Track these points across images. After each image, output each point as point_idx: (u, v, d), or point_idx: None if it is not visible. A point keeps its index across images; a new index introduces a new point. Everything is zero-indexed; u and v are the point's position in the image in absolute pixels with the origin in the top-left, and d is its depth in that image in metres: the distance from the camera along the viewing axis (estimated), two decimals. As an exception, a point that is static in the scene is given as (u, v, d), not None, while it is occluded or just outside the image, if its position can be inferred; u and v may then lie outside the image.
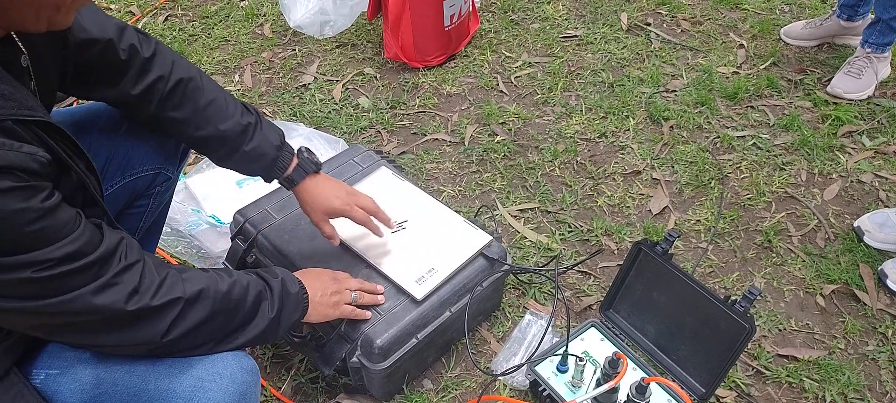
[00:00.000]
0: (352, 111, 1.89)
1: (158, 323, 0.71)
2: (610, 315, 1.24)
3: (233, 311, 0.79)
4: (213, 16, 2.35)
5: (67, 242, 0.60)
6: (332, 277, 1.01)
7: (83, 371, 0.74)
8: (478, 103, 1.91)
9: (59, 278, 0.61)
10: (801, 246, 1.47)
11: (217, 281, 0.78)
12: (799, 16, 2.25)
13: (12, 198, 0.54)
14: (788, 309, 1.34)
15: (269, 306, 0.83)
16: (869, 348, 1.26)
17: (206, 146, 0.97)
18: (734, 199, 1.58)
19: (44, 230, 0.58)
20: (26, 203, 0.56)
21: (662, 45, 2.13)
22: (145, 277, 0.70)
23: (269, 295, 0.84)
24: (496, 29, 2.23)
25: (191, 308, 0.73)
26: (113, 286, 0.66)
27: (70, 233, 0.61)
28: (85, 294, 0.63)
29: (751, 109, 1.86)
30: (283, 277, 0.89)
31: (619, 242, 1.48)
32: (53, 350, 0.75)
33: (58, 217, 0.60)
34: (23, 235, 0.56)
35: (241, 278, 0.82)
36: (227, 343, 0.78)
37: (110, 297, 0.66)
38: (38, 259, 0.58)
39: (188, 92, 0.93)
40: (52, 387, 0.73)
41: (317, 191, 1.04)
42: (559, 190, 1.62)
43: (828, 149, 1.71)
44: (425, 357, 1.18)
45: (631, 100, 1.89)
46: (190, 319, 0.73)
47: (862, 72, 1.85)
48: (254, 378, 0.79)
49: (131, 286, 0.67)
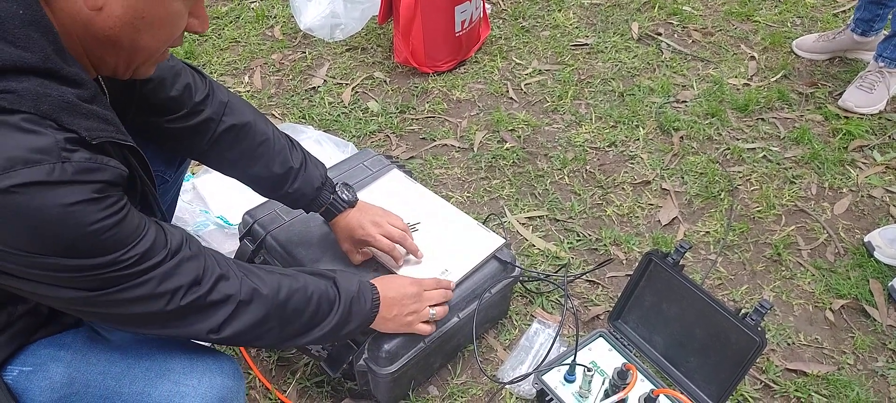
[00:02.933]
0: (361, 115, 1.90)
1: (210, 318, 0.74)
2: (618, 325, 1.23)
3: (290, 318, 0.81)
4: (223, 16, 2.36)
5: (140, 240, 0.66)
6: (416, 294, 1.01)
7: (55, 369, 0.75)
8: (487, 109, 1.91)
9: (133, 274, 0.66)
10: (810, 259, 1.46)
11: (280, 287, 0.80)
12: (811, 29, 2.25)
13: (94, 208, 0.61)
14: (797, 323, 1.33)
15: (333, 315, 0.86)
16: (878, 364, 1.25)
17: (253, 183, 1.04)
18: (744, 212, 1.57)
19: (120, 232, 0.64)
20: (105, 212, 0.62)
21: (673, 55, 2.13)
22: (207, 270, 0.73)
23: (337, 305, 0.87)
24: (507, 35, 2.24)
25: (245, 309, 0.76)
26: (175, 276, 0.70)
27: (142, 233, 0.67)
28: (152, 280, 0.68)
29: (761, 122, 1.85)
30: (360, 290, 0.91)
31: (628, 252, 1.47)
32: (31, 348, 0.76)
33: (130, 221, 0.66)
34: (102, 240, 0.62)
35: (310, 285, 0.84)
36: (281, 345, 0.82)
37: (174, 283, 0.69)
38: (117, 259, 0.64)
39: (239, 135, 0.98)
40: (22, 384, 0.74)
41: (345, 223, 1.09)
42: (568, 198, 1.61)
43: (838, 163, 1.70)
44: (432, 363, 1.18)
45: (641, 110, 1.89)
46: (242, 320, 0.76)
47: (874, 87, 1.84)
48: (236, 382, 0.80)
49: (193, 276, 0.71)
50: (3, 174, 0.55)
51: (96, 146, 0.62)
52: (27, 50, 0.57)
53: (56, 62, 0.60)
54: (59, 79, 0.60)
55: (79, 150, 0.60)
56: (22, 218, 0.57)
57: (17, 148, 0.56)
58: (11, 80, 0.57)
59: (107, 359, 0.77)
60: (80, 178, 0.59)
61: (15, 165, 0.56)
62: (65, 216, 0.59)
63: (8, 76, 0.57)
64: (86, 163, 0.60)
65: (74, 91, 0.61)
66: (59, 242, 0.60)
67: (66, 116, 0.60)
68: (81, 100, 0.62)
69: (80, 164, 0.59)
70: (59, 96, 0.59)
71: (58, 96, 0.59)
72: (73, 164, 0.59)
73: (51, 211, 0.58)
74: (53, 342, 0.77)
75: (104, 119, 0.65)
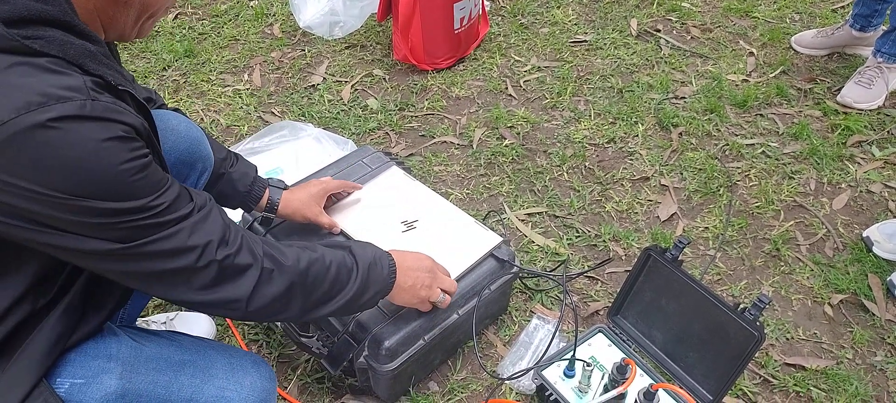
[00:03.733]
0: (360, 112, 1.90)
1: (239, 285, 0.74)
2: (618, 320, 1.23)
3: (312, 287, 0.82)
4: (223, 15, 2.36)
5: (166, 190, 0.68)
6: (430, 270, 1.02)
7: (108, 381, 0.75)
8: (486, 106, 1.91)
9: (164, 223, 0.67)
10: (809, 255, 1.46)
11: (299, 257, 0.81)
12: (809, 25, 2.25)
13: (124, 147, 0.62)
14: (796, 318, 1.33)
15: (353, 283, 0.87)
16: (877, 358, 1.26)
17: None
18: (743, 207, 1.58)
19: (147, 178, 0.65)
20: (133, 154, 0.63)
21: (672, 51, 2.13)
22: (231, 231, 0.74)
23: (356, 272, 0.87)
24: (505, 32, 2.24)
25: (269, 277, 0.77)
26: (204, 229, 0.71)
27: (167, 184, 0.68)
28: (183, 231, 0.69)
29: (760, 117, 1.85)
30: (375, 257, 0.92)
31: (627, 248, 1.48)
32: (78, 360, 0.75)
33: (156, 171, 0.67)
34: (132, 182, 0.63)
35: (327, 254, 0.85)
36: (304, 316, 0.83)
37: (204, 237, 0.70)
38: (147, 205, 0.65)
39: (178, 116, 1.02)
40: (76, 397, 0.74)
41: (294, 195, 1.15)
42: (567, 194, 1.62)
43: (837, 158, 1.70)
44: (432, 360, 1.18)
45: (640, 106, 1.89)
46: (268, 290, 0.77)
47: (873, 82, 1.84)
48: (272, 384, 0.85)
49: (221, 233, 0.72)
50: (39, 108, 0.57)
51: (119, 92, 0.65)
52: (50, 4, 0.61)
53: (74, 19, 0.63)
54: (79, 33, 0.63)
55: (105, 93, 0.63)
56: (57, 153, 0.58)
57: (49, 85, 0.58)
58: (39, 29, 0.60)
59: (153, 368, 0.78)
60: (109, 116, 0.61)
61: (49, 100, 0.58)
62: (97, 151, 0.60)
63: (35, 25, 0.60)
64: (113, 105, 0.62)
65: (94, 46, 0.65)
66: (92, 179, 0.61)
67: (91, 63, 0.63)
68: (101, 54, 0.65)
69: (108, 104, 0.62)
70: (82, 46, 0.63)
71: (80, 46, 0.63)
72: (102, 103, 0.61)
73: (85, 146, 0.59)
74: (100, 351, 0.77)
75: (121, 73, 0.69)
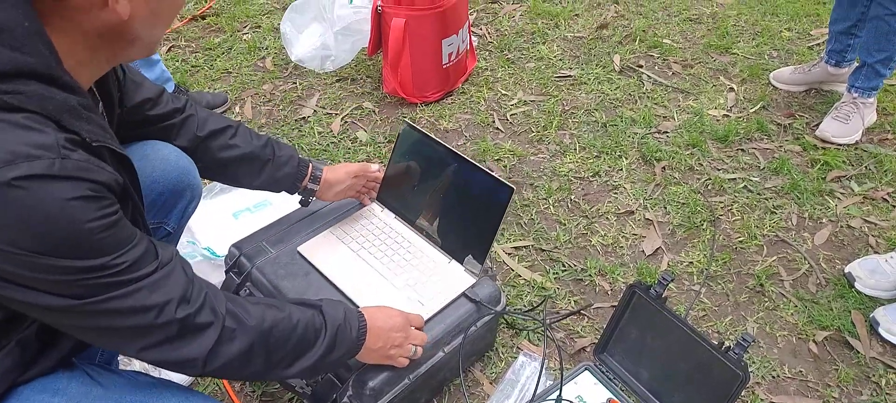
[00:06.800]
0: (350, 144, 1.91)
1: (198, 343, 0.73)
2: (604, 358, 1.23)
3: (275, 347, 0.81)
4: (215, 48, 2.38)
5: (132, 248, 0.67)
6: (403, 327, 1.01)
7: None
8: (474, 139, 1.94)
9: (123, 281, 0.67)
10: (793, 290, 1.48)
11: (264, 316, 0.80)
12: (787, 61, 2.31)
13: (90, 206, 0.62)
14: (781, 356, 1.34)
15: (320, 344, 0.86)
16: (863, 398, 1.26)
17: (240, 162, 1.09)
18: (726, 242, 1.60)
19: (113, 236, 0.65)
20: (100, 212, 0.63)
21: (654, 86, 2.18)
22: (193, 288, 0.74)
23: (324, 333, 0.87)
24: (493, 67, 2.28)
25: (230, 336, 0.76)
26: (165, 288, 0.70)
27: (133, 242, 0.68)
28: (143, 289, 0.68)
29: (741, 152, 1.89)
30: (346, 318, 0.91)
31: (613, 283, 1.48)
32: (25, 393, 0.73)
33: (124, 228, 0.67)
34: (97, 240, 0.63)
35: (295, 313, 0.84)
36: (267, 376, 0.83)
37: (164, 295, 0.70)
38: (109, 263, 0.65)
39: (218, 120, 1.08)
40: None
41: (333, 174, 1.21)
42: (553, 228, 1.63)
43: (817, 193, 1.73)
44: (417, 399, 1.17)
45: (624, 141, 1.92)
46: (229, 349, 0.76)
47: (849, 117, 1.90)
48: None
49: (182, 291, 0.72)
50: (5, 166, 0.57)
51: (95, 149, 0.65)
52: (32, 57, 0.61)
53: (58, 71, 0.63)
54: (61, 85, 0.63)
55: (78, 150, 0.62)
56: (20, 212, 0.58)
57: (19, 143, 0.58)
58: (19, 83, 0.60)
59: None
60: (78, 175, 0.61)
61: (17, 158, 0.58)
62: (62, 210, 0.60)
63: (15, 79, 0.60)
64: (85, 163, 0.62)
65: (76, 98, 0.64)
66: (54, 238, 0.60)
67: (68, 118, 0.63)
68: (81, 106, 0.65)
69: (79, 163, 0.61)
70: (63, 100, 0.63)
71: (61, 100, 0.62)
72: (73, 162, 0.61)
73: (49, 205, 0.59)
74: (46, 387, 0.75)
75: (101, 127, 0.68)
